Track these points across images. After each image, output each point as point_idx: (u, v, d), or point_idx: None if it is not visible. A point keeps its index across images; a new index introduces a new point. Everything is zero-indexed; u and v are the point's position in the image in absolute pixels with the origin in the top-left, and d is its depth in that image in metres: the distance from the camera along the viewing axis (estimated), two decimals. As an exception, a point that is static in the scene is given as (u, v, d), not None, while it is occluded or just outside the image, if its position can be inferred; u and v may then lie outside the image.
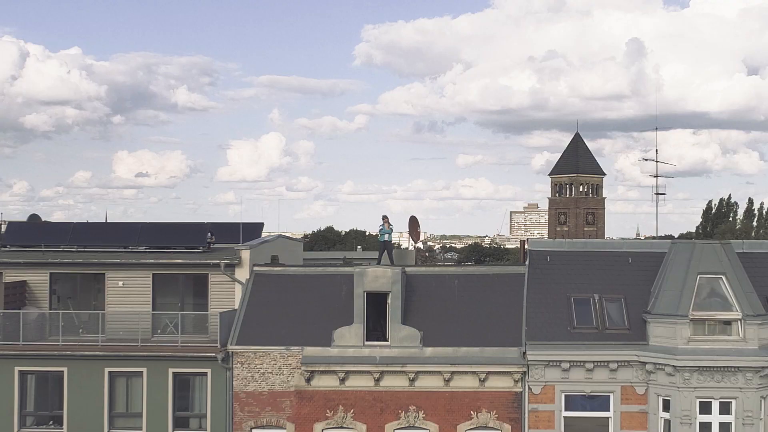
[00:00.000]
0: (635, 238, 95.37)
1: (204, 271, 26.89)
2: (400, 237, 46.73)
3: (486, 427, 24.54)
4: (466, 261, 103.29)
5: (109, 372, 25.26)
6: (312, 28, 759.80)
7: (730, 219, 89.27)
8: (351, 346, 24.83)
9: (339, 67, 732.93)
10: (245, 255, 26.81)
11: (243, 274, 26.73)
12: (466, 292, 26.18)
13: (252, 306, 26.04)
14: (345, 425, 24.67)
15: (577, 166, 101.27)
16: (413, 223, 31.50)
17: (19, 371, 25.40)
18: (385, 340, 25.00)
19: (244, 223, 29.78)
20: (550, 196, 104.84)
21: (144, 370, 25.12)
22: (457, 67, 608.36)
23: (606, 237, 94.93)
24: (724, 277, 24.07)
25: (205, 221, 30.46)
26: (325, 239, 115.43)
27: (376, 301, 25.19)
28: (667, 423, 23.74)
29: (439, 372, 24.47)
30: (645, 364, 23.93)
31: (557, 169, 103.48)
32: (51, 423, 25.51)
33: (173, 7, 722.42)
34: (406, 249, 32.40)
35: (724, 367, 23.35)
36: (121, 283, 27.12)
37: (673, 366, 23.39)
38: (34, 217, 34.81)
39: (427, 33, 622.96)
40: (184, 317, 25.99)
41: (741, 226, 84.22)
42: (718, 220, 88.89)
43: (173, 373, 25.09)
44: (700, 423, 23.41)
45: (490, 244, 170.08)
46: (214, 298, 26.79)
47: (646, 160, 65.46)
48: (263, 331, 25.25)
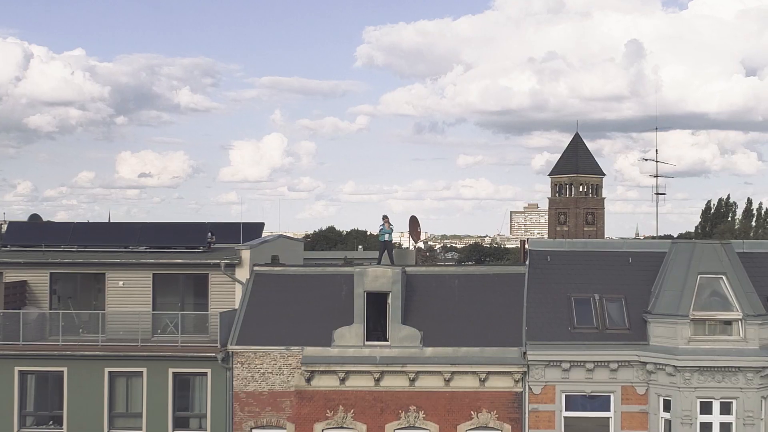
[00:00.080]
0: (634, 238, 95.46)
1: (204, 270, 26.88)
2: (401, 237, 46.71)
3: (486, 428, 24.52)
4: (467, 261, 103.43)
5: (109, 372, 25.24)
6: (313, 30, 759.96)
7: (729, 219, 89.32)
8: (351, 346, 24.81)
9: (340, 68, 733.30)
10: (245, 255, 26.81)
11: (243, 274, 26.72)
12: (466, 292, 26.16)
13: (252, 306, 26.03)
14: (345, 425, 24.65)
15: (576, 167, 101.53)
16: (413, 223, 31.50)
17: (19, 371, 25.39)
18: (386, 340, 24.98)
19: (244, 223, 29.79)
20: (550, 196, 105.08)
21: (144, 370, 25.10)
22: (457, 69, 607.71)
23: (605, 237, 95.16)
24: (724, 277, 24.06)
25: (208, 221, 30.46)
26: (326, 239, 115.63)
27: (377, 301, 25.18)
28: (668, 423, 23.72)
29: (439, 372, 24.46)
30: (645, 364, 23.92)
31: (557, 170, 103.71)
32: (51, 423, 25.49)
33: (176, 10, 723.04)
34: (407, 249, 32.37)
35: (724, 367, 23.34)
36: (121, 283, 27.12)
37: (673, 366, 23.38)
38: (34, 217, 34.85)
39: (428, 34, 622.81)
40: (185, 317, 25.98)
41: (740, 226, 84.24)
42: (717, 220, 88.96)
43: (173, 373, 25.08)
44: (700, 423, 23.39)
45: (491, 243, 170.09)
46: (214, 298, 26.78)
47: (646, 159, 65.70)
48: (263, 331, 25.24)
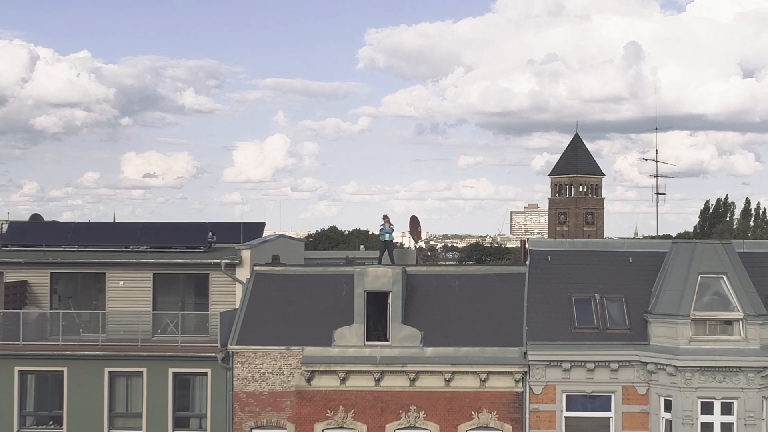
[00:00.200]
0: (634, 238, 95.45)
1: (205, 270, 26.85)
2: (402, 237, 46.74)
3: (487, 428, 24.48)
4: (468, 260, 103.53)
5: (109, 372, 25.21)
6: (316, 33, 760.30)
7: (728, 219, 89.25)
8: (351, 346, 24.78)
9: (343, 70, 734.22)
10: (246, 255, 26.77)
11: (244, 273, 26.69)
12: (466, 292, 26.12)
13: (252, 306, 26.00)
14: (345, 425, 24.61)
15: (576, 167, 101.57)
16: (414, 223, 31.48)
17: (19, 371, 25.36)
18: (386, 340, 24.95)
19: (245, 223, 29.76)
20: (550, 197, 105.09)
21: (144, 370, 25.06)
22: (458, 70, 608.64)
23: (605, 237, 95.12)
24: (725, 277, 24.02)
25: (211, 221, 30.38)
26: (328, 239, 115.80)
27: (377, 301, 25.14)
28: (669, 423, 23.68)
29: (439, 372, 24.43)
30: (646, 364, 23.89)
31: (557, 170, 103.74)
32: (51, 423, 25.46)
33: (180, 12, 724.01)
34: (408, 249, 32.36)
35: (725, 367, 23.30)
36: (121, 282, 27.08)
37: (674, 366, 23.35)
38: (35, 217, 34.82)
39: (429, 37, 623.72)
40: (185, 317, 25.94)
41: (738, 226, 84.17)
42: (715, 220, 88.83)
43: (173, 373, 25.04)
44: (701, 423, 23.35)
45: (491, 243, 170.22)
46: (214, 298, 26.75)
47: (646, 160, 65.69)
48: (263, 331, 25.20)
